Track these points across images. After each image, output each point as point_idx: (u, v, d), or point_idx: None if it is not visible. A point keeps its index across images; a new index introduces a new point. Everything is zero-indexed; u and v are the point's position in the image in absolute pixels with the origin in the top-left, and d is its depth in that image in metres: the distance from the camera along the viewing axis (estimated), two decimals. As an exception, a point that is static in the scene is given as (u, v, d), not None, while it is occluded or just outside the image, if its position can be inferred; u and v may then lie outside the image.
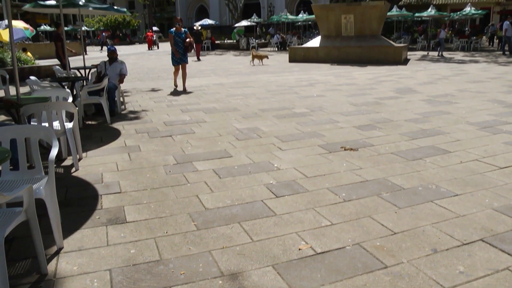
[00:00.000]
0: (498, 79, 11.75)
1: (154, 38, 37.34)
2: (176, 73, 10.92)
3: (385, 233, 3.03)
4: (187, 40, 10.29)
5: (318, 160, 4.77)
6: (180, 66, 10.59)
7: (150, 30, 38.20)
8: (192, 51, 17.12)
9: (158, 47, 36.80)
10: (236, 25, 34.00)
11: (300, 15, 36.87)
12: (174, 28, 10.39)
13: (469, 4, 32.43)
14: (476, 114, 7.08)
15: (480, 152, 4.94)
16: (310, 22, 38.30)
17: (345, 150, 5.14)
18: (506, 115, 6.90)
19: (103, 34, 44.20)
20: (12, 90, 8.44)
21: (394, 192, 3.79)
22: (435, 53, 21.73)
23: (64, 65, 11.06)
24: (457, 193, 3.73)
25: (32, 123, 4.95)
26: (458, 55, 21.39)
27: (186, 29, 10.65)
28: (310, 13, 28.25)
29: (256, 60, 18.10)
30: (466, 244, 2.83)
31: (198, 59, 21.71)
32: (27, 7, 10.67)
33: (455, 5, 43.39)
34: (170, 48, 10.51)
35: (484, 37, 31.19)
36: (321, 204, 3.57)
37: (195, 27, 25.44)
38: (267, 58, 18.55)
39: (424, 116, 7.01)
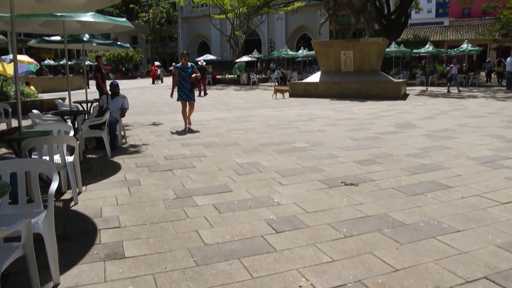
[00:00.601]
0: (497, 114, 11.85)
1: (158, 73, 37.91)
2: (184, 110, 10.02)
3: (387, 270, 2.98)
4: (193, 75, 9.65)
5: (319, 195, 4.75)
6: (188, 103, 9.94)
7: (155, 65, 38.81)
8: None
9: (162, 81, 37.29)
10: (237, 60, 34.57)
11: (300, 51, 37.55)
12: (180, 63, 9.94)
13: (466, 41, 33.09)
14: (476, 149, 7.09)
15: (481, 187, 4.92)
16: (310, 58, 38.93)
17: (345, 185, 5.12)
18: (506, 150, 6.92)
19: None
20: (14, 123, 8.50)
21: (396, 228, 3.75)
22: (454, 89, 21.04)
23: (104, 93, 11.45)
24: (459, 229, 3.70)
25: (33, 156, 4.97)
26: (456, 90, 21.61)
27: (193, 64, 10.10)
28: (310, 49, 28.77)
29: (279, 95, 18.53)
30: (469, 282, 2.78)
31: (205, 94, 21.78)
32: (32, 42, 10.91)
33: (452, 41, 44.32)
34: (174, 83, 9.92)
35: (482, 72, 31.63)
36: (322, 240, 3.53)
37: (199, 62, 25.37)
38: (289, 92, 18.67)
39: (424, 151, 7.02)
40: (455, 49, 34.32)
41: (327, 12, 20.53)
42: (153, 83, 36.25)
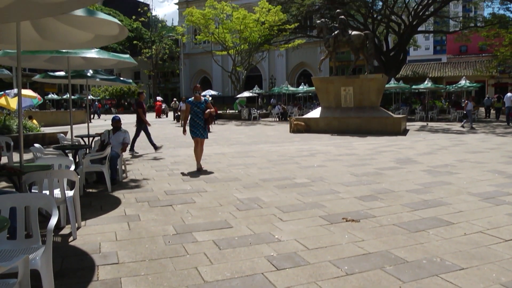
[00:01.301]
0: (497, 149, 11.87)
1: (163, 107, 38.31)
2: (197, 148, 9.08)
3: (390, 309, 2.91)
4: (207, 111, 8.81)
5: (320, 232, 4.70)
6: (199, 141, 9.08)
7: (159, 100, 39.27)
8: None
9: (167, 116, 37.61)
10: (238, 96, 34.97)
11: (301, 87, 38.05)
12: (192, 98, 9.05)
13: (464, 77, 33.58)
14: (477, 185, 7.07)
15: (484, 223, 4.87)
16: (310, 94, 39.43)
17: (346, 221, 5.08)
18: (507, 186, 6.89)
19: (96, 103, 45.56)
20: (16, 157, 8.52)
21: (398, 265, 3.69)
22: (467, 125, 20.75)
23: (142, 130, 12.54)
24: (463, 266, 3.64)
25: (33, 190, 4.97)
26: (456, 126, 21.76)
27: (206, 98, 9.20)
28: (311, 85, 29.14)
29: (295, 127, 18.67)
30: (475, 322, 2.72)
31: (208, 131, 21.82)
32: (37, 77, 11.08)
33: (450, 78, 44.97)
34: (185, 118, 9.13)
35: (481, 108, 31.91)
36: (323, 277, 3.47)
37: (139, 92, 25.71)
38: (306, 126, 18.69)
39: (425, 186, 7.00)
40: (454, 85, 34.82)
41: (327, 49, 20.90)
42: (158, 117, 36.61)
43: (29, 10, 3.98)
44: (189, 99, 9.16)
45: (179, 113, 28.17)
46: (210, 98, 26.90)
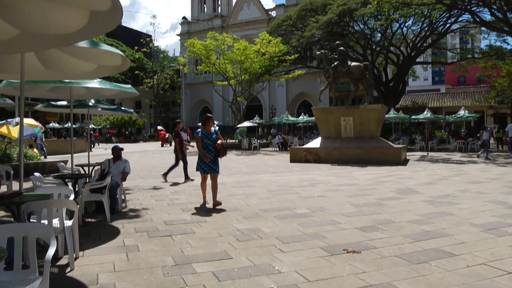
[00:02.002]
0: (498, 179, 11.83)
1: (167, 136, 38.51)
2: (203, 184, 8.43)
3: None
4: (219, 142, 8.05)
5: (320, 263, 4.64)
6: (210, 176, 8.25)
7: (164, 129, 39.52)
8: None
9: (170, 145, 37.76)
10: (239, 125, 35.16)
11: (301, 117, 38.30)
12: (202, 128, 8.24)
13: (463, 107, 33.85)
14: (479, 216, 7.02)
15: (487, 255, 4.82)
16: (310, 124, 39.62)
17: (347, 252, 5.02)
18: (509, 217, 6.84)
19: (91, 132, 45.81)
20: (16, 186, 8.50)
21: (400, 298, 3.63)
22: (483, 155, 20.13)
23: (180, 159, 12.38)
24: (466, 300, 3.58)
25: (31, 219, 4.93)
26: (456, 156, 21.77)
27: (216, 129, 8.53)
28: (311, 115, 29.33)
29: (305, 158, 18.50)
30: None
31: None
32: (39, 106, 11.18)
33: (449, 108, 45.33)
34: (200, 148, 8.07)
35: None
36: (324, 310, 3.40)
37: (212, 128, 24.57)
38: (317, 157, 18.52)
39: (427, 217, 6.95)
40: (453, 115, 35.06)
41: (326, 79, 21.16)
42: (162, 146, 36.75)
43: (34, 42, 4.06)
44: (198, 130, 8.22)
45: None
46: (217, 128, 26.14)
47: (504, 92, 39.24)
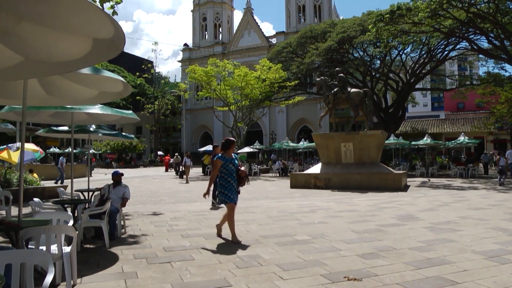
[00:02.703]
0: (499, 206, 11.76)
1: (171, 161, 38.54)
2: (232, 215, 7.22)
3: None
4: (243, 168, 7.31)
5: (321, 291, 4.57)
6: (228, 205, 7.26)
7: (168, 154, 39.53)
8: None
9: (175, 170, 37.70)
10: (239, 151, 35.19)
11: (301, 143, 38.40)
12: (222, 152, 7.32)
13: (463, 133, 33.96)
14: (481, 243, 6.95)
15: (490, 283, 4.75)
16: (311, 149, 39.69)
17: (348, 280, 4.95)
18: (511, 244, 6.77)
19: (85, 157, 46.01)
20: (14, 211, 8.46)
21: (403, 328, 3.56)
22: (499, 182, 19.65)
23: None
24: (470, 329, 3.51)
25: (30, 245, 4.89)
26: (457, 182, 21.71)
27: (236, 155, 7.67)
28: (311, 140, 29.40)
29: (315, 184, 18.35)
30: None
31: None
32: (40, 132, 11.24)
33: (449, 134, 45.49)
34: (213, 178, 7.42)
35: (480, 164, 32.01)
36: None
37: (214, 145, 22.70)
38: (327, 182, 18.28)
39: (428, 244, 6.88)
40: (453, 141, 35.16)
41: (327, 106, 21.30)
42: (166, 171, 36.74)
43: (37, 68, 4.11)
44: (220, 154, 7.29)
45: (182, 168, 27.22)
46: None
47: (503, 118, 39.42)
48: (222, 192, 7.16)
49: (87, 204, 8.60)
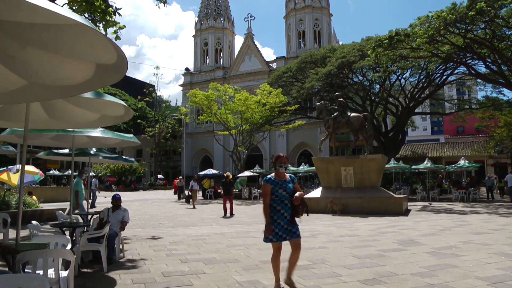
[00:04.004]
0: (502, 230, 11.66)
1: (181, 185, 38.39)
2: (277, 257, 5.61)
3: None
4: (297, 194, 5.42)
5: (322, 317, 4.50)
6: (290, 244, 5.50)
7: (177, 178, 39.29)
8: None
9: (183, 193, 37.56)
10: (239, 175, 35.13)
11: (301, 167, 38.32)
12: (272, 174, 5.69)
13: (463, 157, 33.95)
14: (484, 268, 6.87)
15: (493, 310, 4.67)
16: (311, 173, 39.60)
17: (350, 306, 4.87)
18: (515, 270, 6.69)
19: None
20: (12, 233, 8.39)
21: None
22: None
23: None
24: None
25: (27, 269, 4.83)
26: (458, 206, 21.57)
27: (293, 175, 5.80)
28: (311, 164, 29.37)
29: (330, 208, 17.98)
30: None
31: (232, 215, 17.68)
32: (41, 154, 11.24)
33: (449, 157, 45.50)
34: (267, 207, 5.46)
35: (481, 188, 31.95)
36: None
37: (225, 174, 20.00)
38: (344, 207, 17.86)
39: (431, 269, 6.80)
40: (453, 165, 35.12)
41: (327, 130, 21.35)
42: (175, 193, 36.57)
43: (40, 92, 4.15)
44: (268, 176, 5.62)
45: (189, 193, 25.64)
46: (231, 176, 20.36)
47: (503, 142, 39.52)
48: (268, 237, 5.40)
49: (85, 227, 8.54)
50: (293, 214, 5.44)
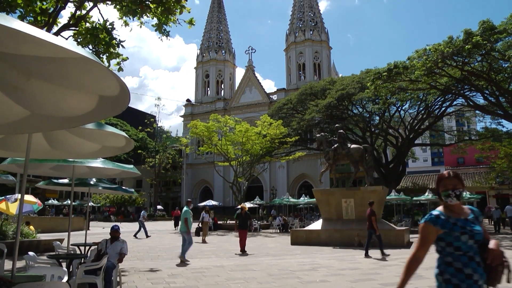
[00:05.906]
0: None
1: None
2: None
3: None
4: (493, 245, 3.04)
5: None
6: None
7: (177, 208, 39.02)
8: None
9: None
10: (239, 206, 34.92)
11: (302, 198, 38.12)
12: (439, 209, 3.30)
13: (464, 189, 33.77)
14: (488, 304, 6.72)
15: None
16: (311, 205, 39.37)
17: None
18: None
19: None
20: (8, 264, 8.27)
21: None
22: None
23: (377, 236, 13.92)
24: None
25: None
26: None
27: (476, 209, 3.34)
28: (311, 196, 29.21)
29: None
30: None
31: (243, 252, 15.36)
32: (41, 184, 11.23)
33: (450, 189, 45.14)
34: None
35: (484, 220, 31.71)
36: None
37: (241, 206, 18.51)
38: (361, 238, 17.19)
39: (434, 304, 6.66)
40: (455, 197, 34.87)
41: (327, 161, 21.35)
42: (176, 226, 36.26)
43: (43, 123, 4.19)
44: (435, 212, 3.26)
45: (199, 225, 24.46)
46: (247, 208, 18.54)
47: (504, 173, 39.43)
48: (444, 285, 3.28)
49: (82, 259, 8.43)
50: (490, 279, 3.03)
